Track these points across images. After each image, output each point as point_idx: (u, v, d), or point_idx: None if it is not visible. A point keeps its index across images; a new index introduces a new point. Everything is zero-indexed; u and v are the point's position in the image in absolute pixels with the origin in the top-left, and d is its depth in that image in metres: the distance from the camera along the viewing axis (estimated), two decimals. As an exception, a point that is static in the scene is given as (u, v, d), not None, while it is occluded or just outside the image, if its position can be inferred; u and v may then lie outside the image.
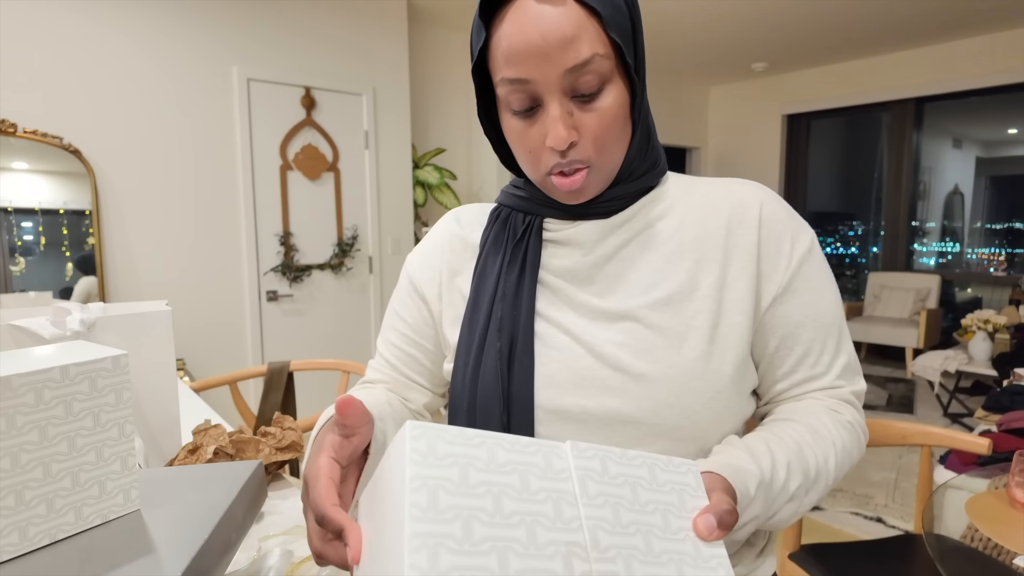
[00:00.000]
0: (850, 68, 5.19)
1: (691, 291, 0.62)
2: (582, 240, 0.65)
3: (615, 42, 0.56)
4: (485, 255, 0.69)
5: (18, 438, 0.42)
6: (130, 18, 2.74)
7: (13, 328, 0.79)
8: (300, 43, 3.23)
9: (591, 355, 0.62)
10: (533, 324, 0.64)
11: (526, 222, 0.68)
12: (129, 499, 0.49)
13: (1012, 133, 5.09)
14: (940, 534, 1.28)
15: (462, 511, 0.35)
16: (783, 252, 0.63)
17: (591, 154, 0.59)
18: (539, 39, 0.54)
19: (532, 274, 0.65)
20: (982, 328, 3.57)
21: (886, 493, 2.67)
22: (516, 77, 0.56)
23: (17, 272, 2.57)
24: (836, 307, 0.65)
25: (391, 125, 3.59)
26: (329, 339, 3.43)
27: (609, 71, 0.56)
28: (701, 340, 0.60)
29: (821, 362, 0.64)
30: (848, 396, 0.65)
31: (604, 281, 0.64)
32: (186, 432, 1.07)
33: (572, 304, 0.65)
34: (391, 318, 0.77)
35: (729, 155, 6.07)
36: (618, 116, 0.58)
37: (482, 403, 0.64)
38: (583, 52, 0.54)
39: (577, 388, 0.62)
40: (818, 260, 0.64)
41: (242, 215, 3.10)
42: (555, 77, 0.55)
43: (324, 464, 0.47)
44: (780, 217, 0.64)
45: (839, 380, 0.64)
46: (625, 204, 0.65)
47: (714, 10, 3.84)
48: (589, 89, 0.56)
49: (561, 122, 0.57)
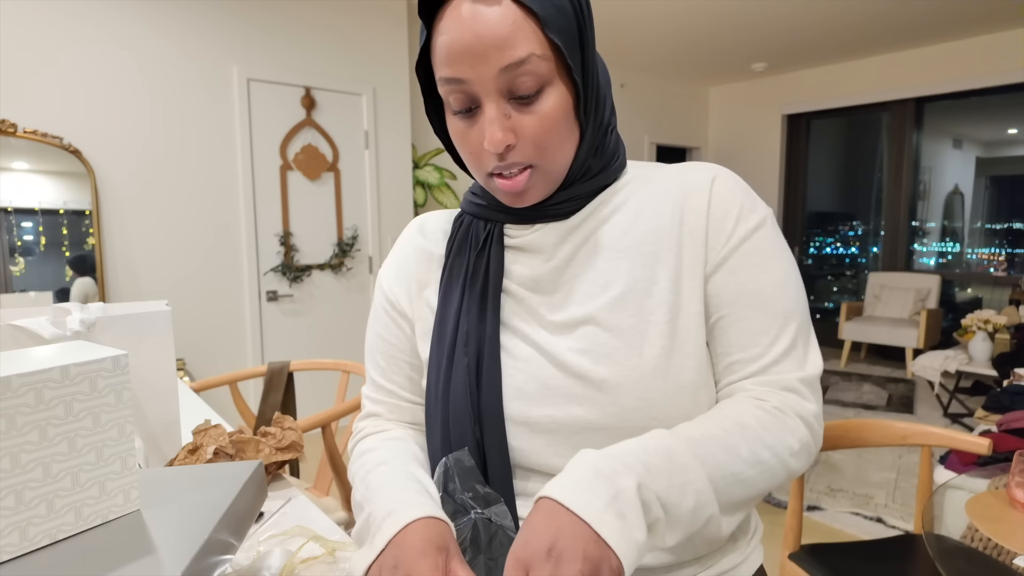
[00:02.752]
0: (850, 68, 5.19)
1: (649, 286, 0.61)
2: (541, 245, 0.64)
3: (557, 43, 0.55)
4: (449, 267, 0.69)
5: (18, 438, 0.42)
6: (130, 19, 2.74)
7: (13, 328, 0.79)
8: (300, 43, 3.23)
9: (553, 365, 0.61)
10: (499, 337, 0.64)
11: (487, 230, 0.67)
12: (129, 499, 0.49)
13: (1012, 133, 5.09)
14: (940, 534, 1.28)
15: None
16: (725, 228, 0.61)
17: (531, 155, 0.58)
18: (473, 39, 0.53)
19: (496, 286, 0.65)
20: (982, 328, 3.57)
21: (886, 493, 2.66)
22: (452, 76, 0.56)
23: (17, 272, 2.57)
24: (782, 289, 0.61)
25: (391, 125, 3.59)
26: (329, 339, 3.43)
27: (548, 72, 0.55)
28: (661, 336, 0.59)
29: (756, 343, 0.60)
30: (791, 383, 0.60)
31: (566, 287, 0.63)
32: (186, 432, 1.07)
33: (535, 315, 0.64)
34: (374, 341, 0.76)
35: (729, 155, 6.07)
36: (559, 118, 0.57)
37: (454, 417, 0.64)
38: (518, 52, 0.53)
39: (544, 399, 0.61)
40: (767, 239, 0.61)
41: (242, 215, 3.10)
42: (490, 77, 0.54)
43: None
44: (729, 195, 0.62)
45: (779, 365, 0.60)
46: (581, 204, 0.64)
47: (714, 10, 3.84)
48: (526, 91, 0.55)
49: (497, 124, 0.56)
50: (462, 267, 0.67)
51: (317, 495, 1.62)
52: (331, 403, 3.06)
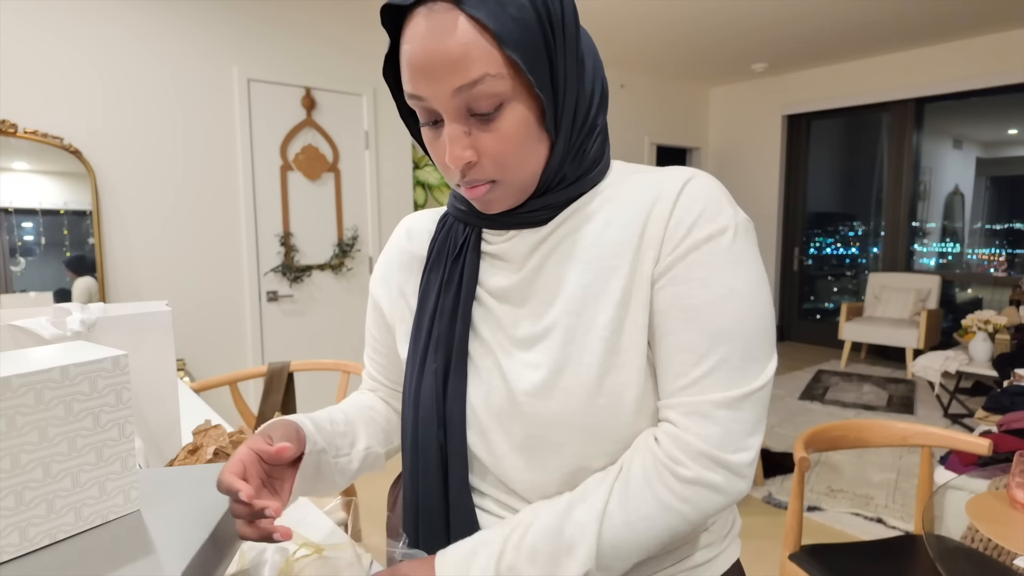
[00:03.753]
0: (850, 68, 5.19)
1: (600, 299, 0.59)
2: (513, 255, 0.64)
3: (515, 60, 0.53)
4: (428, 271, 0.69)
5: (18, 438, 0.42)
6: (131, 19, 2.74)
7: (13, 328, 0.79)
8: (300, 43, 3.23)
9: (507, 381, 0.61)
10: (467, 346, 0.64)
11: (465, 235, 0.67)
12: (129, 499, 0.49)
13: (1012, 133, 5.09)
14: (940, 535, 1.28)
15: None
16: (676, 236, 0.57)
17: (491, 172, 0.57)
18: (425, 58, 0.53)
19: (468, 293, 0.65)
20: (982, 329, 3.57)
21: (886, 494, 2.66)
22: (412, 93, 0.56)
23: (17, 272, 2.57)
24: (722, 306, 0.55)
25: (391, 125, 3.59)
26: (329, 339, 3.43)
27: (506, 90, 0.54)
28: (609, 352, 0.58)
29: (679, 360, 0.56)
30: (702, 407, 0.55)
31: (534, 298, 0.62)
32: (186, 432, 1.07)
33: (500, 326, 0.64)
34: (367, 335, 0.81)
35: (729, 156, 6.07)
36: (520, 135, 0.56)
37: (423, 420, 0.65)
38: (471, 73, 0.52)
39: (500, 413, 0.62)
40: (721, 251, 0.56)
41: (242, 215, 3.10)
42: (445, 96, 0.54)
43: (241, 451, 0.55)
44: (691, 204, 0.57)
45: (694, 387, 0.55)
46: (556, 212, 0.62)
47: (714, 10, 3.84)
48: (484, 109, 0.54)
49: (457, 142, 0.56)
50: (439, 271, 0.68)
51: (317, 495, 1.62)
52: (331, 403, 3.06)
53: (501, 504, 0.64)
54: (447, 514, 0.64)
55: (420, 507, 0.66)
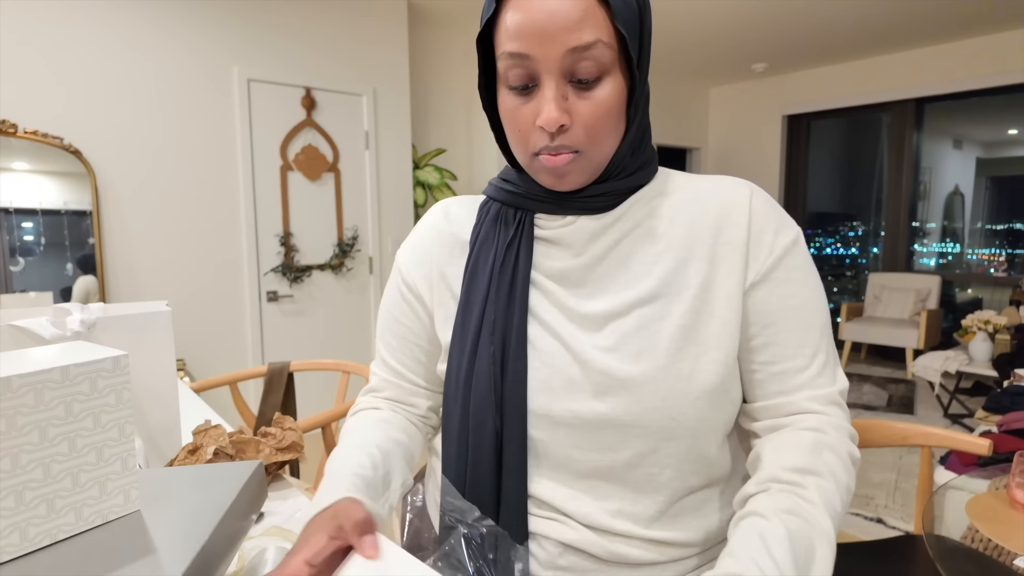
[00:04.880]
0: (850, 68, 5.19)
1: (679, 291, 0.62)
2: (573, 241, 0.65)
3: (620, 34, 0.56)
4: (476, 254, 0.69)
5: (18, 439, 0.42)
6: (131, 18, 2.74)
7: (13, 328, 0.79)
8: (301, 44, 3.23)
9: (578, 361, 0.62)
10: (526, 328, 0.64)
11: (517, 219, 0.67)
12: (129, 499, 0.49)
13: (1012, 134, 5.09)
14: (940, 535, 1.28)
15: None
16: (765, 241, 0.62)
17: (580, 140, 0.59)
18: (545, 16, 0.55)
19: (524, 276, 0.65)
20: (982, 329, 3.57)
21: (886, 494, 2.66)
22: (517, 51, 0.57)
23: (17, 272, 2.57)
24: (819, 304, 0.63)
25: (391, 126, 3.59)
26: (329, 339, 3.43)
27: (610, 61, 0.57)
28: (687, 340, 0.60)
29: (801, 354, 0.62)
30: (835, 397, 0.62)
31: (595, 283, 0.64)
32: (186, 432, 1.07)
33: (562, 308, 0.64)
34: (387, 320, 0.77)
35: (729, 156, 6.07)
36: (612, 108, 0.58)
37: (475, 407, 0.64)
38: (586, 36, 0.55)
39: (567, 393, 0.62)
40: (802, 256, 0.64)
41: (242, 215, 3.10)
42: (555, 57, 0.56)
43: (295, 565, 0.51)
44: (767, 211, 0.64)
45: (821, 378, 0.62)
46: (615, 201, 0.65)
47: (714, 10, 3.84)
48: (587, 75, 0.57)
49: (555, 103, 0.57)
50: (489, 255, 0.67)
51: (317, 495, 1.62)
52: (331, 403, 3.06)
53: (552, 491, 0.64)
54: (498, 505, 0.64)
55: (467, 496, 0.65)
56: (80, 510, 0.46)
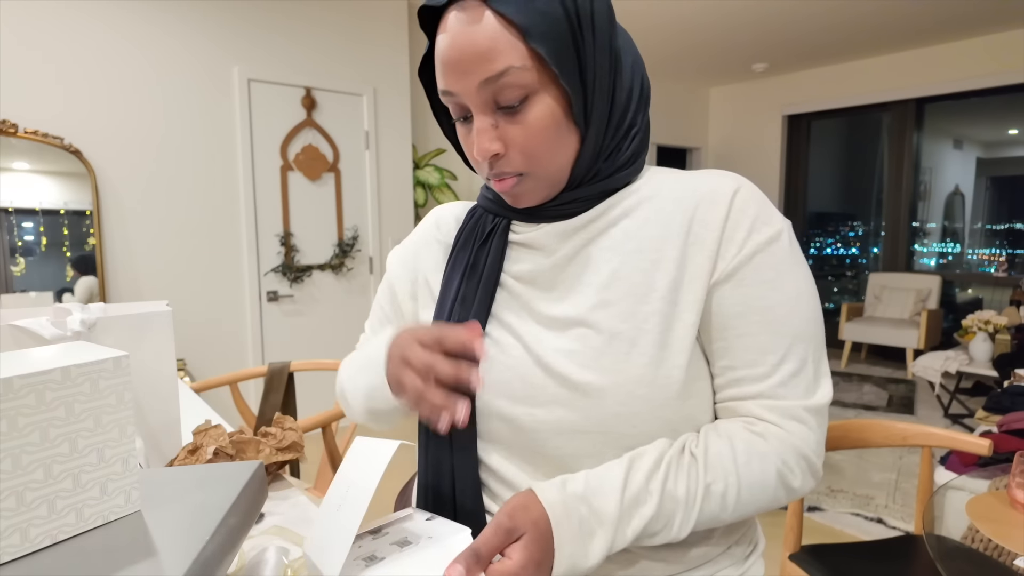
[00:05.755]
0: (850, 68, 5.19)
1: (646, 292, 0.59)
2: (544, 243, 0.64)
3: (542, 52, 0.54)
4: (454, 257, 0.70)
5: (19, 439, 0.42)
6: (131, 19, 2.74)
7: (13, 328, 0.79)
8: (301, 44, 3.23)
9: (539, 366, 0.61)
10: (484, 329, 0.65)
11: (493, 223, 0.68)
12: (130, 500, 0.49)
13: (1012, 134, 5.09)
14: (941, 535, 1.28)
15: None
16: (736, 239, 0.58)
17: (520, 164, 0.59)
18: (454, 53, 0.55)
19: (490, 278, 0.66)
20: (983, 329, 3.57)
21: (887, 494, 2.66)
22: (443, 89, 0.58)
23: (17, 272, 2.57)
24: (795, 308, 0.58)
25: (391, 126, 3.59)
26: (329, 339, 3.43)
27: (533, 82, 0.55)
28: (651, 345, 0.58)
29: (763, 362, 0.58)
30: (796, 411, 0.58)
31: (563, 285, 0.63)
32: (186, 432, 1.07)
33: (529, 310, 0.64)
34: (375, 307, 0.82)
35: (729, 156, 6.07)
36: (547, 127, 0.57)
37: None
38: (497, 65, 0.54)
39: (527, 398, 0.61)
40: (781, 256, 0.59)
41: (242, 215, 3.10)
42: (472, 90, 0.56)
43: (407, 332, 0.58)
44: (747, 208, 0.59)
45: (783, 389, 0.58)
46: (588, 206, 0.63)
47: (714, 10, 3.84)
48: (510, 102, 0.56)
49: (484, 135, 0.57)
50: (464, 258, 0.69)
51: (318, 496, 1.62)
52: (331, 404, 3.06)
53: (515, 475, 0.64)
54: (453, 487, 0.65)
55: (429, 477, 0.68)
56: (81, 511, 0.46)
